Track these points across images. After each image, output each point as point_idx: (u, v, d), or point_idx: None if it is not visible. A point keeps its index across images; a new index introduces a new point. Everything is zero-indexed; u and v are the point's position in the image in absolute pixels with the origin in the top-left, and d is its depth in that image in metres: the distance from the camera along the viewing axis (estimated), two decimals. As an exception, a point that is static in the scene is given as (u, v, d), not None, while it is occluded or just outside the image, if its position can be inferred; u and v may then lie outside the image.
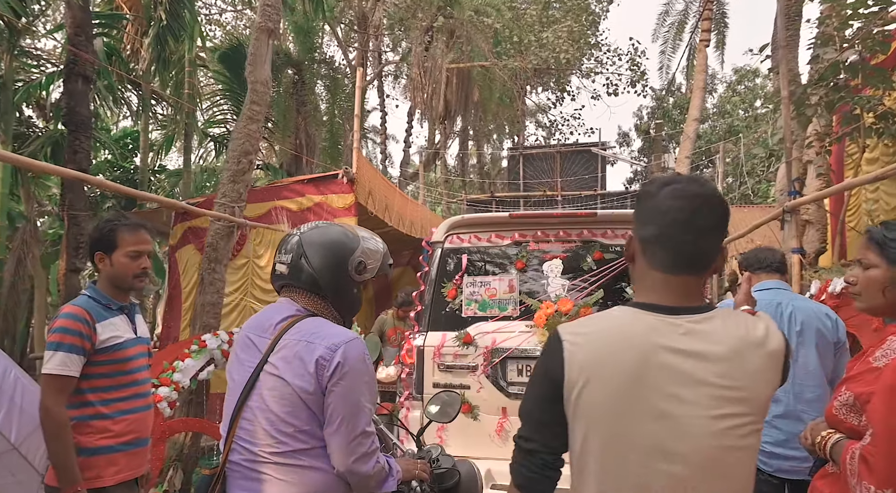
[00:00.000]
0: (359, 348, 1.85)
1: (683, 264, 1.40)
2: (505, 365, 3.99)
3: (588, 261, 4.19)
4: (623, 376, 1.33)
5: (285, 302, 1.99)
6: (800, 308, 3.12)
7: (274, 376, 1.84)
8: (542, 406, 1.44)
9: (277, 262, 2.00)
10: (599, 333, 1.40)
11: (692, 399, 1.32)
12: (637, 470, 1.33)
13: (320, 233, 1.99)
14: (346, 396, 1.80)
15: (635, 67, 18.80)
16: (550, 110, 23.08)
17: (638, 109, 34.75)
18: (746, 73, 30.66)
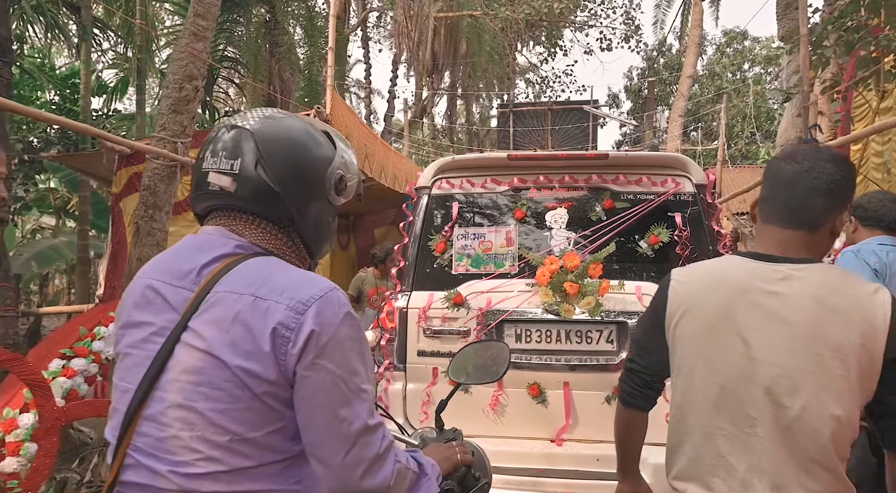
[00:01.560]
0: (340, 302, 1.22)
1: (791, 219, 1.56)
2: (501, 329, 3.46)
3: (597, 210, 3.64)
4: (715, 308, 1.57)
5: (216, 234, 1.31)
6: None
7: (199, 351, 1.18)
8: (646, 335, 1.75)
9: (212, 170, 1.29)
10: (702, 273, 1.67)
11: (774, 335, 1.49)
12: (716, 388, 1.54)
13: (280, 128, 1.32)
14: (332, 381, 1.17)
15: (629, 21, 18.06)
16: (542, 66, 22.27)
17: (628, 69, 34.03)
18: (736, 35, 30.19)
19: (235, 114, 1.38)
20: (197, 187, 1.33)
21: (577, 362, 3.39)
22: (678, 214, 3.51)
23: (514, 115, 15.76)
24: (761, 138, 24.99)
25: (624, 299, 3.40)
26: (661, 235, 3.48)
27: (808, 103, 4.96)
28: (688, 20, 19.19)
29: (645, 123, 18.99)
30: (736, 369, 1.52)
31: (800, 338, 1.46)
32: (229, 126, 1.32)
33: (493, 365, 1.94)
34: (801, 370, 1.45)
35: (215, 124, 6.05)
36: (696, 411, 1.58)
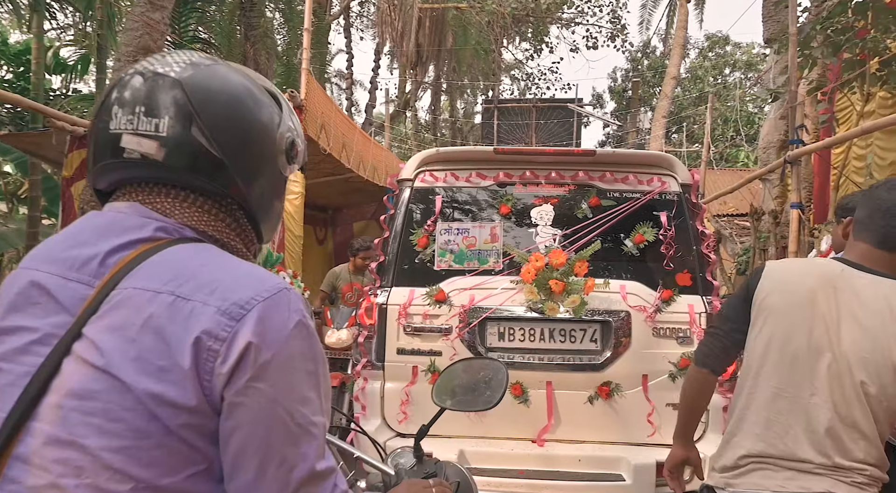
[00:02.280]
0: (291, 307, 0.93)
1: (883, 243, 1.81)
2: (484, 328, 3.38)
3: (583, 208, 3.58)
4: (803, 292, 1.80)
5: (129, 212, 0.99)
6: None
7: (93, 367, 0.87)
8: (733, 307, 1.97)
9: (127, 131, 0.96)
10: (797, 263, 2.13)
11: (853, 326, 1.73)
12: (790, 356, 1.78)
13: (216, 78, 1.01)
14: (272, 412, 0.89)
15: (616, 19, 18.04)
16: (527, 63, 22.18)
17: (613, 70, 34.08)
18: (718, 39, 30.45)
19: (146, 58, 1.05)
20: (101, 155, 0.99)
21: (560, 362, 3.34)
22: (663, 214, 3.49)
23: (498, 111, 15.67)
24: (741, 142, 25.20)
25: (609, 297, 3.36)
26: (646, 234, 3.45)
27: (796, 103, 4.92)
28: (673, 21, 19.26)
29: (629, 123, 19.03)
30: (810, 343, 1.77)
31: (874, 334, 1.72)
32: (144, 72, 0.98)
33: (487, 390, 1.66)
34: (878, 359, 1.71)
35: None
36: (762, 371, 1.84)
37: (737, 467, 1.83)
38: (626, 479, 3.14)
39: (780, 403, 1.79)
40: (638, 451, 3.21)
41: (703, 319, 3.32)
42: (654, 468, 3.13)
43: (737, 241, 10.93)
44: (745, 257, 7.74)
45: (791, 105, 4.97)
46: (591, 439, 3.34)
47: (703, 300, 3.37)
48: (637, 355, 3.31)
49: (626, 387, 3.32)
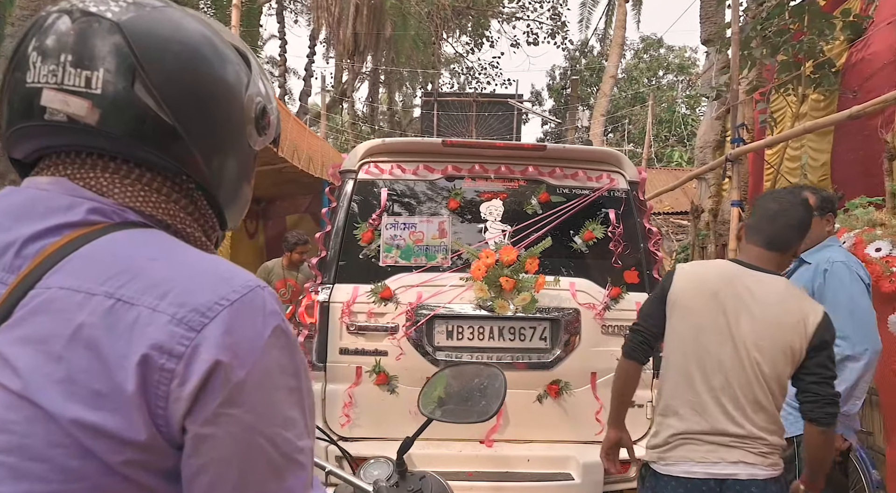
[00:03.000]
0: (266, 309, 0.74)
1: (770, 245, 2.20)
2: (432, 326, 3.26)
3: (533, 203, 3.52)
4: (707, 291, 2.16)
5: (53, 189, 0.78)
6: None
7: (7, 392, 0.67)
8: (652, 305, 2.29)
9: (49, 86, 0.75)
10: (701, 266, 2.49)
11: (749, 317, 2.10)
12: (704, 341, 2.12)
13: (167, 23, 0.80)
14: (251, 442, 0.71)
15: (556, 16, 18.16)
16: (467, 57, 22.11)
17: (551, 68, 34.51)
18: (653, 42, 31.26)
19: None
20: (16, 116, 0.78)
21: (509, 360, 3.27)
22: (612, 211, 3.48)
23: (438, 104, 15.54)
24: (675, 142, 25.93)
25: (559, 295, 3.32)
26: (595, 231, 3.43)
27: (738, 102, 4.99)
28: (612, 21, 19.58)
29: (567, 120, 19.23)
30: (716, 334, 2.12)
31: (766, 324, 2.09)
32: (71, 12, 0.76)
33: (482, 399, 1.51)
34: (770, 345, 2.08)
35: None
36: (678, 359, 2.18)
37: (667, 444, 2.15)
38: (575, 478, 3.09)
39: (697, 386, 2.12)
40: (587, 449, 3.16)
41: None
42: (602, 467, 3.10)
43: (673, 239, 11.17)
44: (683, 255, 7.86)
45: (732, 103, 5.03)
46: (539, 438, 3.28)
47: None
48: (586, 352, 3.28)
49: (575, 385, 3.29)
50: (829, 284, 2.73)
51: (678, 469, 2.11)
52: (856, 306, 2.67)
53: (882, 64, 4.81)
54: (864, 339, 2.63)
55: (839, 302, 2.63)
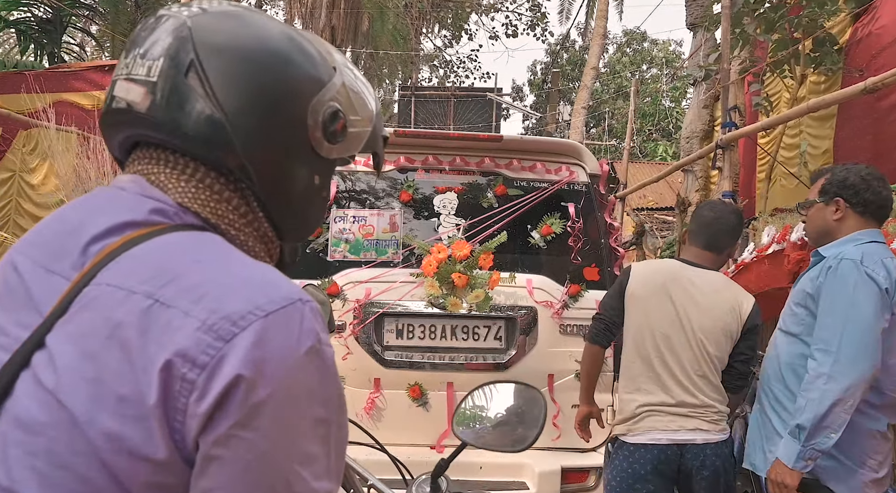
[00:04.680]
0: (304, 327, 0.67)
1: (707, 246, 2.63)
2: (381, 324, 3.12)
3: (489, 197, 3.38)
4: (657, 284, 2.56)
5: (130, 187, 0.78)
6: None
7: (44, 390, 0.65)
8: (612, 297, 2.65)
9: (121, 77, 0.77)
10: (652, 264, 3.15)
11: (694, 306, 2.50)
12: (659, 327, 2.50)
13: (238, 22, 0.79)
14: (260, 474, 0.63)
15: (536, 7, 18.03)
16: (446, 50, 21.90)
17: (532, 63, 34.34)
18: (636, 35, 31.19)
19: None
20: (107, 106, 0.79)
21: (462, 361, 3.14)
22: (571, 205, 3.36)
23: (416, 99, 15.34)
24: (659, 136, 25.89)
25: (514, 292, 3.19)
26: (553, 225, 3.31)
27: (729, 83, 4.78)
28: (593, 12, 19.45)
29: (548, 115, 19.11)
30: (667, 321, 2.49)
31: (708, 311, 2.48)
32: (160, 14, 0.80)
33: (519, 426, 1.38)
34: (712, 328, 2.48)
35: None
36: (637, 342, 2.53)
37: (634, 416, 2.47)
38: (530, 487, 2.97)
39: (657, 366, 2.48)
40: (542, 456, 3.03)
41: None
42: (559, 475, 2.98)
43: (658, 235, 11.01)
44: (668, 252, 7.70)
45: (724, 84, 4.79)
46: None
47: None
48: (543, 353, 3.16)
49: None
50: (828, 284, 2.20)
51: (646, 438, 2.45)
52: (854, 315, 2.12)
53: (892, 39, 4.44)
54: (852, 359, 2.08)
55: (835, 308, 2.15)
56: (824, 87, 4.94)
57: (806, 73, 4.84)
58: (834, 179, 2.35)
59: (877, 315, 2.11)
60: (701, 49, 7.91)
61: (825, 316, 2.16)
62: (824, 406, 2.07)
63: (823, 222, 2.36)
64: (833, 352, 2.10)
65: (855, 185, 2.29)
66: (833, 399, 2.07)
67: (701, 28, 7.57)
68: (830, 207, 2.32)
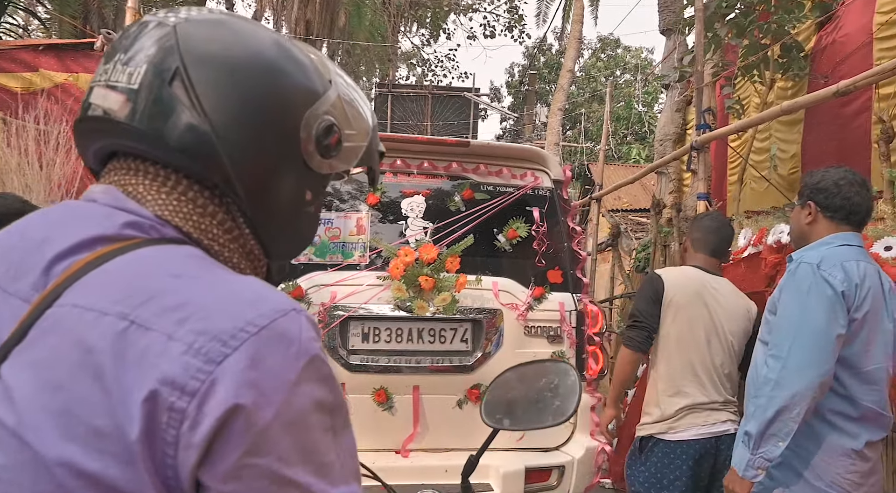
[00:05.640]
0: (300, 339, 0.64)
1: (714, 253, 2.91)
2: (346, 328, 3.10)
3: (456, 201, 3.40)
4: (693, 292, 2.77)
5: (102, 198, 0.73)
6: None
7: (2, 428, 0.58)
8: (649, 305, 2.80)
9: (98, 84, 0.73)
10: (679, 272, 3.00)
11: (722, 310, 2.76)
12: (699, 331, 2.73)
13: (226, 29, 0.76)
14: (285, 491, 0.61)
15: (514, 9, 18.04)
16: (424, 48, 21.83)
17: (510, 65, 34.53)
18: (610, 41, 31.49)
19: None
20: (81, 115, 0.75)
21: (428, 364, 3.13)
22: (536, 209, 3.41)
23: (393, 96, 15.28)
24: (633, 140, 26.11)
25: (481, 295, 3.21)
26: (519, 229, 3.36)
27: (703, 85, 4.80)
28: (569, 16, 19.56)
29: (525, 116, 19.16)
30: (705, 324, 2.72)
31: (733, 314, 2.77)
32: (144, 21, 0.76)
33: (556, 399, 1.38)
34: (737, 330, 2.77)
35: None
36: (680, 347, 2.72)
37: (676, 415, 2.66)
38: (495, 488, 2.98)
39: (696, 368, 2.69)
40: (506, 457, 3.04)
41: (574, 317, 3.29)
42: (522, 475, 3.00)
43: (632, 236, 11.09)
44: (644, 254, 7.75)
45: (698, 86, 4.83)
46: (458, 446, 3.14)
47: (573, 298, 3.34)
48: (508, 354, 3.16)
49: None
50: (785, 288, 2.17)
51: (688, 434, 2.65)
52: (805, 320, 2.05)
53: (855, 46, 4.50)
54: (799, 365, 2.03)
55: (789, 313, 2.11)
56: (791, 92, 5.01)
57: (775, 78, 4.89)
58: (809, 181, 2.33)
59: (829, 321, 2.04)
60: (674, 53, 7.98)
61: (780, 320, 2.14)
62: (769, 413, 2.02)
63: (798, 225, 2.36)
64: (783, 358, 2.06)
65: (826, 189, 2.26)
66: (778, 406, 2.01)
67: (674, 32, 7.62)
68: (804, 210, 2.31)
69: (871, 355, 2.11)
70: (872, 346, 2.11)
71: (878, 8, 4.36)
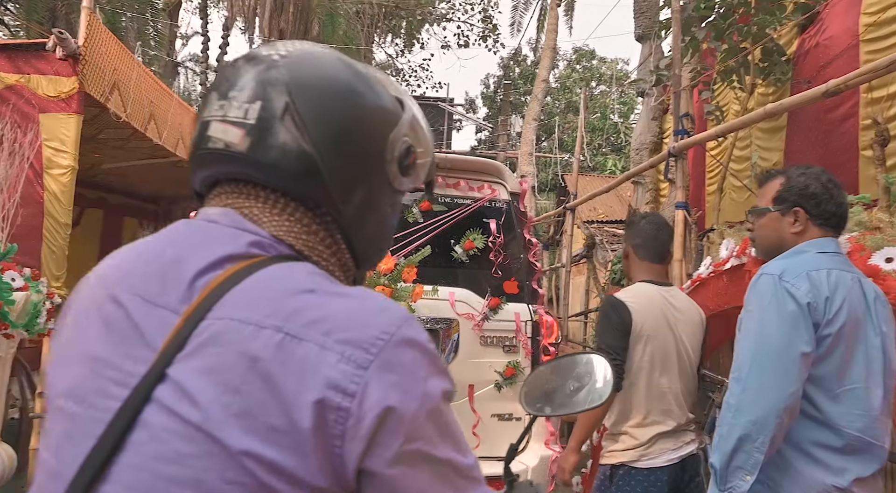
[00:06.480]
0: (418, 341, 0.73)
1: (661, 258, 2.79)
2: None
3: (413, 212, 3.43)
4: (659, 316, 2.61)
5: (221, 220, 0.81)
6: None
7: (184, 422, 0.66)
8: (619, 338, 2.59)
9: (215, 119, 0.81)
10: (640, 293, 2.68)
11: (683, 326, 2.67)
12: (668, 357, 2.60)
13: (324, 62, 0.84)
14: (439, 475, 0.72)
15: (487, 19, 17.94)
16: (397, 58, 21.65)
17: (486, 76, 34.55)
18: (585, 53, 31.69)
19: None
20: (193, 146, 0.84)
21: None
22: (493, 221, 3.50)
23: (365, 107, 15.02)
24: (608, 151, 26.17)
25: (437, 305, 3.21)
26: (476, 240, 3.44)
27: (680, 89, 4.58)
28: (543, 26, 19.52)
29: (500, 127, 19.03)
30: (675, 351, 2.61)
31: (690, 328, 2.69)
32: (247, 57, 0.85)
33: (590, 386, 1.48)
34: (695, 344, 2.70)
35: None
36: (652, 377, 2.59)
37: (648, 443, 2.56)
38: None
39: (666, 394, 2.59)
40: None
41: (529, 327, 3.35)
42: None
43: (608, 248, 10.90)
44: (619, 265, 7.54)
45: (675, 90, 4.62)
46: None
47: (529, 309, 3.40)
48: (464, 364, 3.21)
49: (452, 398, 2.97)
50: (746, 303, 1.91)
51: (661, 460, 2.56)
52: (763, 338, 1.81)
53: (840, 49, 4.35)
54: (758, 387, 1.77)
55: (748, 329, 1.86)
56: (773, 98, 4.85)
57: (755, 83, 4.71)
58: (792, 185, 2.00)
59: (790, 336, 1.77)
60: (650, 59, 7.83)
61: (740, 339, 1.86)
62: (730, 443, 1.76)
63: (778, 234, 2.01)
64: (742, 380, 1.80)
65: (817, 194, 1.95)
66: (738, 434, 1.75)
67: (650, 38, 7.48)
68: (788, 217, 1.98)
69: (851, 373, 1.81)
70: (852, 364, 1.81)
71: (864, 9, 4.20)
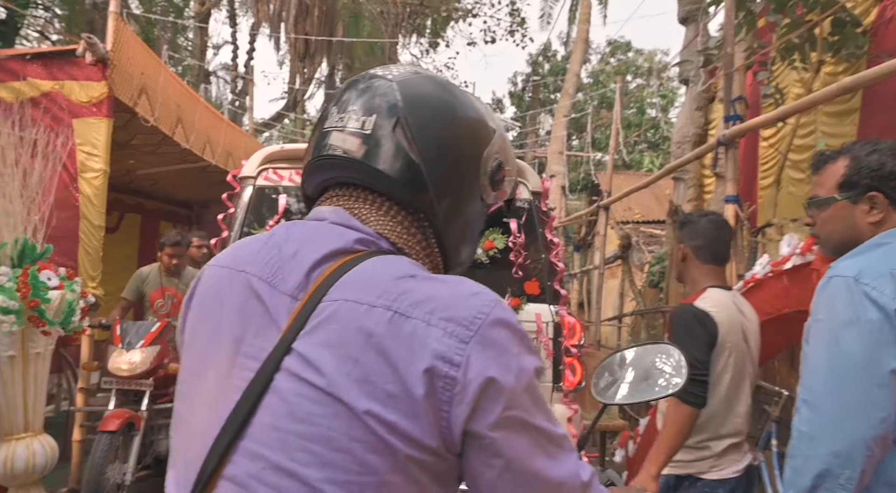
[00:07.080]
0: (509, 321, 0.84)
1: (724, 260, 2.66)
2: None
3: None
4: (738, 326, 2.51)
5: (333, 218, 0.94)
6: None
7: (312, 387, 0.78)
8: (706, 352, 2.42)
9: (335, 129, 0.93)
10: (721, 305, 2.50)
11: (751, 340, 2.59)
12: (743, 369, 2.52)
13: (432, 83, 0.97)
14: (534, 440, 0.83)
15: (515, 12, 17.65)
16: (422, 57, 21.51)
17: (513, 74, 34.20)
18: (620, 45, 31.02)
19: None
20: (312, 153, 0.96)
21: None
22: (513, 221, 3.45)
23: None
24: (645, 147, 25.58)
25: None
26: (496, 240, 3.41)
27: (733, 70, 4.23)
28: (575, 17, 19.12)
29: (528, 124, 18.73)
30: (746, 354, 2.55)
31: (756, 337, 2.64)
32: (366, 76, 0.98)
33: (661, 375, 1.46)
34: (758, 352, 2.66)
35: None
36: (730, 390, 2.52)
37: (723, 453, 2.49)
38: None
39: (741, 407, 2.53)
40: None
41: (551, 328, 3.30)
42: None
43: (644, 250, 10.52)
44: (659, 267, 7.17)
45: (727, 72, 4.26)
46: None
47: (550, 310, 3.35)
48: None
49: None
50: (814, 311, 1.59)
51: (730, 471, 2.49)
52: (839, 353, 1.49)
53: None
54: (838, 413, 1.46)
55: (818, 342, 1.54)
56: (844, 77, 4.39)
57: (823, 61, 4.29)
58: (863, 166, 1.66)
59: (875, 351, 1.44)
60: (696, 42, 7.40)
61: (809, 354, 1.55)
62: (807, 479, 1.44)
63: (850, 228, 1.68)
64: (816, 405, 1.49)
65: (882, 172, 1.63)
66: (818, 469, 1.43)
67: (695, 20, 7.09)
68: (861, 205, 1.65)
69: None
70: None
71: (958, -33, 3.77)
